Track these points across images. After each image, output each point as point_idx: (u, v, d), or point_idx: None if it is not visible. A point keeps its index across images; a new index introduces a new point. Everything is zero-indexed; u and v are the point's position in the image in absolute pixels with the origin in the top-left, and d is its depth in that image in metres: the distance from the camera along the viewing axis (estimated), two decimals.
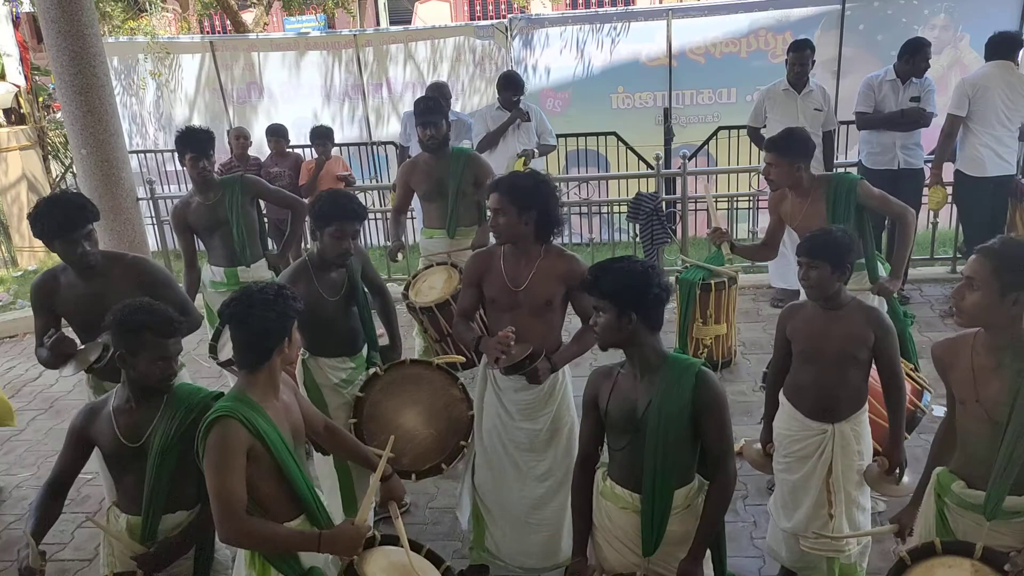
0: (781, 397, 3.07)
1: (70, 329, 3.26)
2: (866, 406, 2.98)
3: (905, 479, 2.94)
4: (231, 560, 2.76)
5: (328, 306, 3.31)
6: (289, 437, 2.38)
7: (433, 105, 4.56)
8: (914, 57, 5.55)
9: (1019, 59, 5.53)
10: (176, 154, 4.42)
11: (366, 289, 3.54)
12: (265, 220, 4.78)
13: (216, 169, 4.59)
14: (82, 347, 3.12)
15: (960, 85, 5.40)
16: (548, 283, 3.01)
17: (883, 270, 3.91)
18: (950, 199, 5.82)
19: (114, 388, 3.20)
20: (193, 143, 4.26)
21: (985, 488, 2.24)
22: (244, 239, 4.42)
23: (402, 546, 2.44)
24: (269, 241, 5.12)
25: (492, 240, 4.24)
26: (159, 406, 2.52)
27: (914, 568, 2.16)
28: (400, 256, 4.71)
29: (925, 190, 5.71)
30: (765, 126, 5.94)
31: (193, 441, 2.42)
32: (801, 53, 5.68)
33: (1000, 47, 5.39)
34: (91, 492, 4.23)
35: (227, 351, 3.96)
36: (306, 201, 4.76)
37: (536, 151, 6.13)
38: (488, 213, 3.26)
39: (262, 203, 4.69)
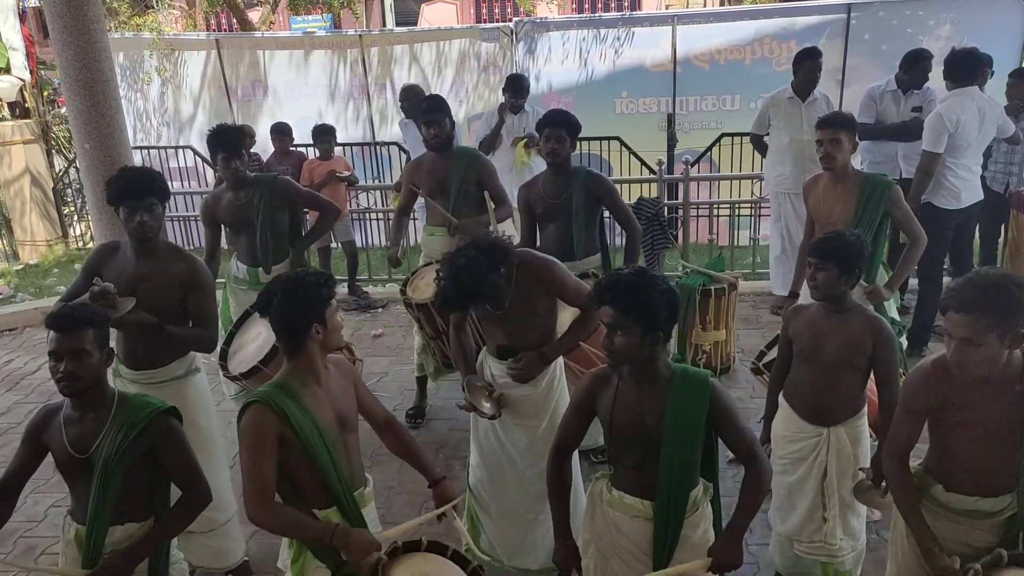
0: (780, 398, 3.08)
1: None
2: (864, 411, 2.97)
3: None
4: (188, 571, 2.78)
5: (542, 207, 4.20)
6: (331, 426, 2.38)
7: (436, 104, 4.56)
8: (914, 68, 5.55)
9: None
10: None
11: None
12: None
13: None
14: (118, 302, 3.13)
15: (938, 120, 4.87)
16: (529, 296, 3.00)
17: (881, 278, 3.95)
18: None
19: (130, 373, 3.26)
20: (225, 143, 4.19)
21: (968, 493, 2.29)
22: (268, 243, 4.33)
23: (460, 549, 2.46)
24: None
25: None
26: (107, 417, 2.43)
27: None
28: (399, 255, 4.69)
29: None
30: (768, 134, 5.94)
31: (142, 455, 2.43)
32: (816, 61, 5.60)
33: (965, 72, 4.96)
34: None
35: (236, 361, 3.88)
36: (334, 207, 4.67)
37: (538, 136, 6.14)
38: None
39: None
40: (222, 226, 4.43)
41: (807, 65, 5.59)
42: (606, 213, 4.39)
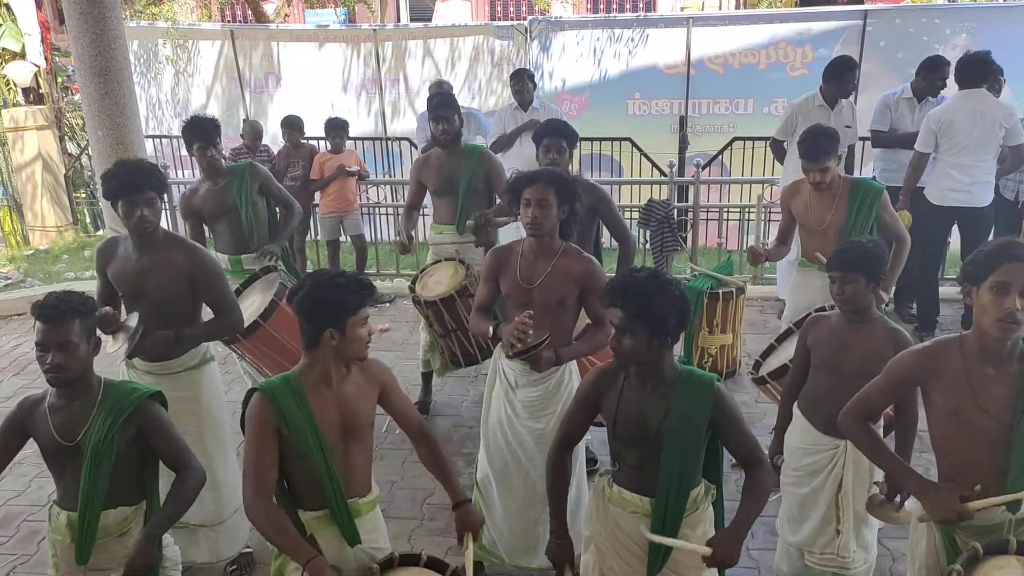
0: (795, 410, 3.03)
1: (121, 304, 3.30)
2: (881, 423, 2.93)
3: (908, 506, 2.88)
4: (180, 556, 2.76)
5: None
6: (332, 428, 2.33)
7: (446, 100, 4.57)
8: (932, 75, 5.52)
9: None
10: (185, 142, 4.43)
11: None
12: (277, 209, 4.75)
13: (227, 155, 4.58)
14: (124, 322, 3.13)
15: (926, 122, 5.18)
16: (562, 282, 3.02)
17: None
18: None
19: (144, 365, 3.24)
20: (199, 132, 4.26)
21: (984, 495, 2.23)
22: (252, 225, 4.45)
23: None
24: None
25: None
26: (93, 404, 2.44)
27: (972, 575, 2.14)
28: (408, 241, 4.61)
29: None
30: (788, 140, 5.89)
31: (131, 440, 2.44)
32: (855, 72, 5.51)
33: (970, 74, 5.10)
34: None
35: None
36: (298, 205, 4.76)
37: None
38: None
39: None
40: (201, 219, 4.48)
41: (848, 77, 5.46)
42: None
